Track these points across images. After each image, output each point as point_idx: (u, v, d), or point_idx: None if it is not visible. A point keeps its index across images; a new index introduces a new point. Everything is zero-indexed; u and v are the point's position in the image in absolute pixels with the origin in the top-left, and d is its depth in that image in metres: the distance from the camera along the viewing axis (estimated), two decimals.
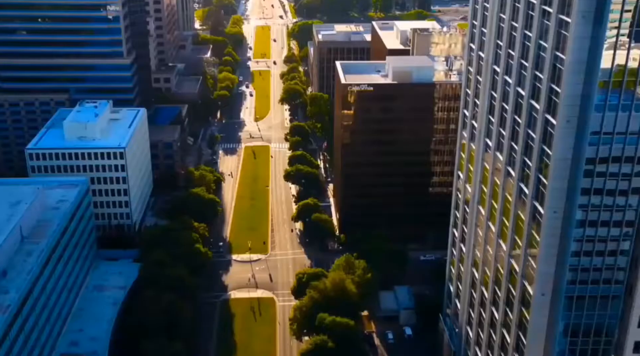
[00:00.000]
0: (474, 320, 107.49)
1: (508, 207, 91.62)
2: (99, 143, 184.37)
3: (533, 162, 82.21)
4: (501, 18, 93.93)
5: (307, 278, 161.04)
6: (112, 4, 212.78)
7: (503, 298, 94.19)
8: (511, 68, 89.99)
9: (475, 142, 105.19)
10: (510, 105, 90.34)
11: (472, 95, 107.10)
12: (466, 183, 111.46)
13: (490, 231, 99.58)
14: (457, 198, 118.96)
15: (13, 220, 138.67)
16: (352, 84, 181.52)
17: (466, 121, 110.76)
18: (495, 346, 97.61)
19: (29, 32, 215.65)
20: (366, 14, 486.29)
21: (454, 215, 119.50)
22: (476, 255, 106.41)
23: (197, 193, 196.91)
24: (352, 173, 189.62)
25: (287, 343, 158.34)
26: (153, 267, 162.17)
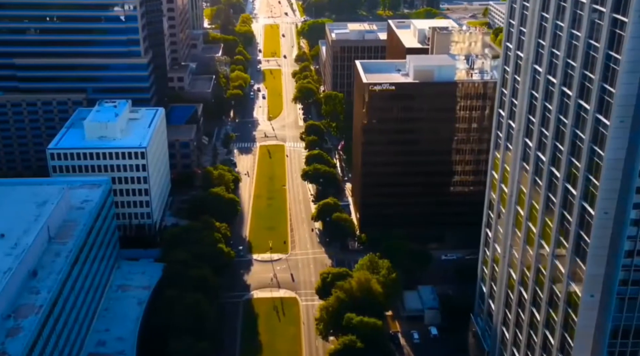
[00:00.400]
0: (510, 321, 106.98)
1: (551, 207, 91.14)
2: (120, 143, 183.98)
3: (582, 163, 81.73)
4: (543, 17, 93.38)
5: (331, 277, 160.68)
6: (128, 3, 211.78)
7: (545, 299, 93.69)
8: (555, 67, 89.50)
9: (513, 141, 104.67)
10: (554, 105, 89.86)
11: (508, 94, 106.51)
12: (501, 183, 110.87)
13: (531, 231, 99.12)
14: (490, 198, 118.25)
15: (41, 221, 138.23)
16: (373, 83, 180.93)
17: (501, 121, 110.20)
18: (536, 347, 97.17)
19: (46, 32, 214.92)
20: (375, 12, 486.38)
21: (487, 215, 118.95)
22: (514, 255, 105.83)
23: (217, 193, 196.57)
24: (372, 172, 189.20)
25: (312, 342, 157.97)
26: (176, 266, 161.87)
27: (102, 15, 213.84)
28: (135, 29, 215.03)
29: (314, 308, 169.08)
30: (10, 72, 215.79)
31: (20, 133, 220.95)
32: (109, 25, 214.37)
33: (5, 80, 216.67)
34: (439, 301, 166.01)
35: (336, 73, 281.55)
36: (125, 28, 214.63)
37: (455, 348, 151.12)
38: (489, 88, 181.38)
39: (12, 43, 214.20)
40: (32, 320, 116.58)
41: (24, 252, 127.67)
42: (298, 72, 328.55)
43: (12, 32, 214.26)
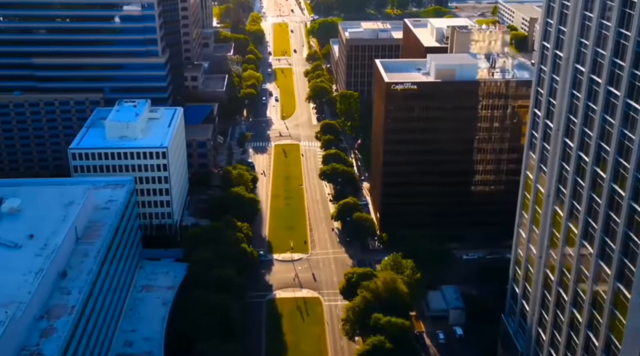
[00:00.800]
0: (547, 322, 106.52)
1: (596, 207, 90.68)
2: (141, 142, 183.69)
3: (631, 162, 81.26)
4: (586, 16, 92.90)
5: (356, 277, 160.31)
6: (146, 2, 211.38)
7: (588, 300, 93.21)
8: (600, 67, 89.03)
9: (551, 142, 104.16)
10: (599, 105, 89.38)
11: (545, 94, 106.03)
12: (537, 184, 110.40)
13: (571, 232, 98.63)
14: (524, 198, 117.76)
15: (68, 221, 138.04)
16: (395, 83, 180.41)
17: (537, 120, 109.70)
18: (577, 349, 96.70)
19: (64, 31, 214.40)
20: (383, 11, 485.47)
21: (521, 215, 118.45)
22: (551, 256, 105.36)
23: (237, 193, 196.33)
24: (393, 172, 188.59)
25: (337, 343, 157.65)
26: (200, 266, 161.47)
27: (119, 14, 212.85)
28: (152, 29, 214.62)
29: (337, 308, 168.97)
30: (28, 71, 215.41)
31: (37, 133, 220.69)
32: (126, 24, 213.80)
33: (23, 80, 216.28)
34: (463, 301, 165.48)
35: (350, 72, 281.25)
36: (142, 27, 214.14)
37: (481, 349, 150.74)
38: (511, 87, 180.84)
39: (30, 43, 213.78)
40: (66, 321, 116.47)
41: (54, 252, 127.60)
42: (310, 71, 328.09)
43: (29, 31, 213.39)
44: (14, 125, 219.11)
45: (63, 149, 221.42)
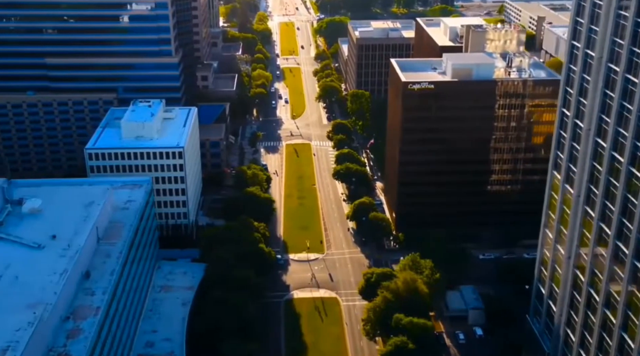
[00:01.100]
0: (577, 323, 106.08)
1: (631, 208, 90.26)
2: (157, 142, 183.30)
3: None
4: (621, 15, 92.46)
5: (375, 277, 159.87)
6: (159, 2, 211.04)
7: (623, 301, 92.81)
8: (636, 66, 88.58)
9: (582, 142, 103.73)
10: (635, 105, 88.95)
11: (575, 93, 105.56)
12: (565, 184, 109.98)
13: (603, 232, 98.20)
14: (550, 198, 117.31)
15: (90, 221, 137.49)
16: (412, 82, 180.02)
17: (566, 120, 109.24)
18: (610, 350, 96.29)
19: (78, 31, 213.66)
20: (389, 10, 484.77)
21: (547, 215, 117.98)
22: (581, 256, 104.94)
23: (252, 193, 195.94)
24: (410, 171, 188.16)
25: (357, 343, 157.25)
26: (219, 267, 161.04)
27: (133, 14, 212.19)
28: (166, 28, 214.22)
29: (355, 308, 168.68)
30: (41, 71, 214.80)
31: (51, 133, 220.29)
32: (140, 24, 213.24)
33: (37, 80, 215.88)
34: (482, 302, 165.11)
35: (360, 71, 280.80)
36: (156, 27, 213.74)
37: (502, 349, 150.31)
38: (529, 86, 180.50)
39: (43, 43, 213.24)
40: (91, 322, 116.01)
41: (77, 253, 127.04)
42: (319, 70, 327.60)
43: (43, 31, 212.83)
44: (27, 125, 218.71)
45: (76, 149, 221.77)
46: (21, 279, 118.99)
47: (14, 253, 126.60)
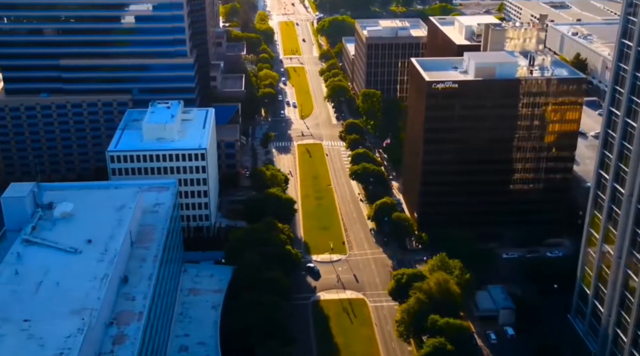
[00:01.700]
0: (630, 323, 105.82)
1: None
2: (179, 144, 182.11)
3: None
4: None
5: (406, 279, 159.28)
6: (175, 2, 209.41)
7: None
8: None
9: (634, 140, 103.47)
10: None
11: (626, 92, 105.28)
12: (614, 183, 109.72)
13: None
14: (596, 197, 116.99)
15: (124, 225, 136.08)
16: (436, 81, 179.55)
17: (615, 119, 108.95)
18: None
19: (93, 32, 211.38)
20: (387, 8, 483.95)
21: (592, 214, 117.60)
22: (635, 256, 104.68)
23: (274, 193, 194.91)
24: (433, 171, 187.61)
25: (388, 344, 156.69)
26: (247, 269, 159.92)
27: (149, 15, 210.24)
28: (181, 29, 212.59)
29: (383, 309, 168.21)
30: (55, 73, 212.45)
31: (64, 136, 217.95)
32: (155, 25, 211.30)
33: (51, 82, 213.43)
34: (512, 301, 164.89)
35: (370, 70, 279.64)
36: (171, 28, 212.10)
37: (533, 348, 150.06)
38: (552, 85, 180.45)
39: (58, 44, 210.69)
40: (136, 327, 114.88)
41: (115, 257, 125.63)
42: (325, 69, 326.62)
43: (58, 32, 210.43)
44: (41, 128, 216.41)
45: (89, 151, 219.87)
46: (62, 285, 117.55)
47: (51, 258, 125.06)
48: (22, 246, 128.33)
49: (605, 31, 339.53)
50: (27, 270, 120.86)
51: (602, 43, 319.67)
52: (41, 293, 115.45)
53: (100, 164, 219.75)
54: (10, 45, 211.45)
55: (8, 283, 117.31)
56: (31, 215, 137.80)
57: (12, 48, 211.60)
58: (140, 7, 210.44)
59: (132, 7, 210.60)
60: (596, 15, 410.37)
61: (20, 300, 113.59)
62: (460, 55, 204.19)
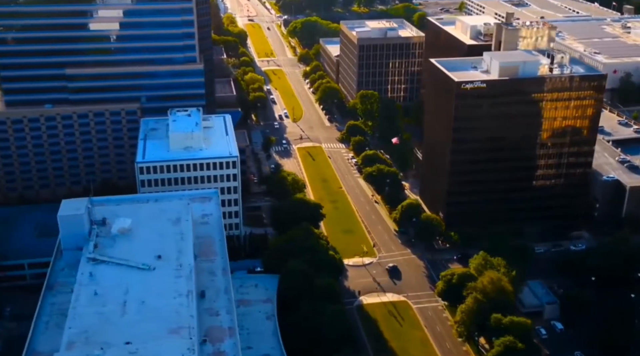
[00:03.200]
0: None
1: None
2: (209, 153, 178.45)
3: None
4: None
5: (457, 279, 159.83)
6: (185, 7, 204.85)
7: None
8: None
9: None
10: None
11: None
12: None
13: None
14: None
15: (187, 239, 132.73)
16: (464, 82, 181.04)
17: None
18: None
19: (100, 39, 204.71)
20: (349, 9, 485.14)
21: None
22: None
23: (301, 199, 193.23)
24: (460, 171, 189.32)
25: (442, 345, 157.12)
26: (294, 277, 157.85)
27: (158, 20, 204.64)
28: (191, 34, 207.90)
29: (428, 310, 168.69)
30: (61, 83, 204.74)
31: (70, 148, 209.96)
32: (165, 30, 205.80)
33: (56, 92, 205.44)
34: (554, 295, 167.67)
35: (361, 71, 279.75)
36: (181, 33, 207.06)
37: (584, 341, 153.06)
38: (575, 82, 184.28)
39: (63, 52, 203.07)
40: (231, 343, 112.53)
41: (191, 272, 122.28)
42: (310, 71, 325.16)
43: (64, 41, 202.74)
44: (45, 140, 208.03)
45: (96, 163, 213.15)
46: (148, 303, 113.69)
47: (126, 276, 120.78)
48: (90, 265, 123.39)
49: (573, 28, 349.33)
50: (105, 290, 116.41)
51: (573, 39, 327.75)
52: (129, 314, 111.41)
53: (105, 176, 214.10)
54: (12, 55, 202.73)
55: (91, 305, 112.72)
56: (88, 233, 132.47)
57: (14, 58, 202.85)
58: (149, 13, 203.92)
59: (141, 13, 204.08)
60: (557, 13, 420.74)
61: (110, 321, 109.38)
62: (470, 55, 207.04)
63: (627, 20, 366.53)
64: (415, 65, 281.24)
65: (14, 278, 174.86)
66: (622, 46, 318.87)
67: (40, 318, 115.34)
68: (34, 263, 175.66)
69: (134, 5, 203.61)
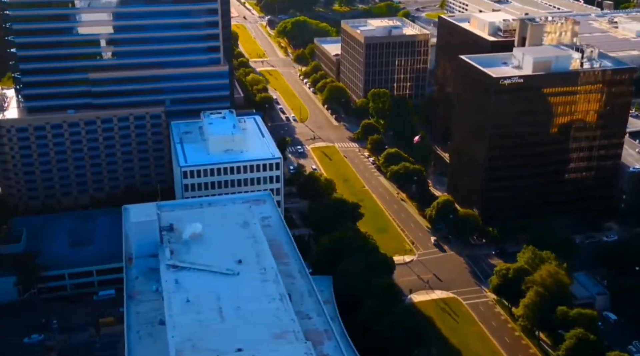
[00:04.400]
0: None
1: None
2: (252, 154, 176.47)
3: None
4: None
5: (513, 273, 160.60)
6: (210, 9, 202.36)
7: None
8: None
9: None
10: None
11: None
12: None
13: None
14: None
15: (261, 242, 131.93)
16: (503, 77, 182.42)
17: None
18: None
19: (124, 42, 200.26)
20: (331, 8, 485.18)
21: None
22: None
23: (340, 199, 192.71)
24: (497, 166, 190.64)
25: (502, 340, 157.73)
26: (349, 277, 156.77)
27: (183, 22, 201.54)
28: (216, 36, 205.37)
29: (478, 306, 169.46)
30: (84, 88, 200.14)
31: (93, 154, 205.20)
32: (189, 32, 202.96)
33: (79, 97, 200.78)
34: (603, 286, 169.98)
35: (368, 70, 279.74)
36: (206, 35, 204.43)
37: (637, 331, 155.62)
38: (607, 75, 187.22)
39: (86, 56, 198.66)
40: (333, 345, 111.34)
41: (277, 276, 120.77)
42: (310, 71, 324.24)
43: (87, 44, 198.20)
44: (68, 146, 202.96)
45: (119, 169, 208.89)
46: (244, 309, 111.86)
47: (212, 282, 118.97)
48: (172, 272, 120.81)
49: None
50: (196, 298, 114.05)
51: None
52: (229, 320, 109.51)
53: (129, 182, 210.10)
54: (34, 60, 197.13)
55: (186, 313, 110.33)
56: (160, 239, 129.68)
57: (36, 63, 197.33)
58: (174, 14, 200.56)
59: (165, 15, 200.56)
60: (539, 9, 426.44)
61: (211, 329, 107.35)
62: (492, 51, 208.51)
63: (612, 15, 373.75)
64: (420, 62, 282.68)
65: (55, 288, 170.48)
66: (613, 40, 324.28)
67: (131, 329, 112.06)
68: (73, 273, 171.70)
69: (158, 7, 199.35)
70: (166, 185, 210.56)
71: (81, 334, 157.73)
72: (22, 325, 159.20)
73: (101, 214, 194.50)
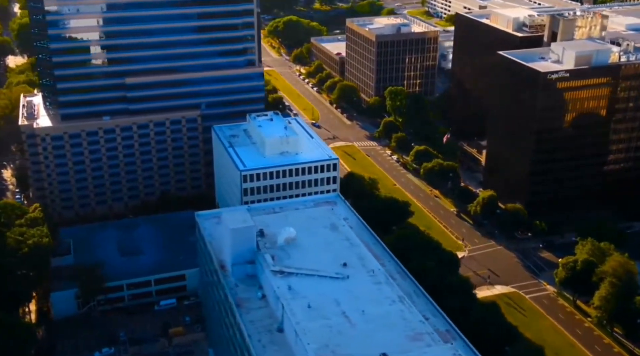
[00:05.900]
0: None
1: None
2: (309, 156, 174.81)
3: None
4: None
5: (581, 266, 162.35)
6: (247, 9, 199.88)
7: None
8: None
9: None
10: None
11: None
12: None
13: None
14: None
15: (357, 244, 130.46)
16: (550, 72, 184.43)
17: None
18: None
19: (162, 46, 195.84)
20: (311, 7, 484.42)
21: None
22: None
23: (391, 198, 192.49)
24: (542, 160, 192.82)
25: (574, 332, 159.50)
26: (420, 275, 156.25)
27: (220, 24, 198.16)
28: (252, 37, 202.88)
29: (541, 299, 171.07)
30: (120, 93, 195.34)
31: (128, 160, 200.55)
32: (226, 34, 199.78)
33: (115, 103, 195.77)
34: None
35: (379, 68, 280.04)
36: (242, 36, 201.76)
37: None
38: None
39: (123, 61, 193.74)
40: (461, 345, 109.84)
41: (387, 277, 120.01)
42: (313, 71, 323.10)
43: (124, 49, 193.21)
44: (103, 153, 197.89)
45: (155, 175, 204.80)
46: (369, 312, 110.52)
47: (326, 286, 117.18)
48: (279, 278, 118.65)
49: None
50: (316, 303, 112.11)
51: None
52: (358, 324, 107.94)
53: (164, 188, 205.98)
54: (70, 66, 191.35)
55: (312, 319, 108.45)
56: (256, 245, 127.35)
57: (72, 69, 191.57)
58: (212, 16, 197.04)
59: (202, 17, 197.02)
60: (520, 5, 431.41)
61: (343, 334, 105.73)
62: (521, 47, 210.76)
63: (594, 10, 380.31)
64: (430, 59, 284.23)
65: (113, 300, 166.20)
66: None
67: (252, 338, 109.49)
68: (132, 283, 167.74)
69: (195, 9, 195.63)
70: (201, 190, 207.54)
71: (152, 345, 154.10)
72: (89, 338, 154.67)
73: (143, 222, 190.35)
